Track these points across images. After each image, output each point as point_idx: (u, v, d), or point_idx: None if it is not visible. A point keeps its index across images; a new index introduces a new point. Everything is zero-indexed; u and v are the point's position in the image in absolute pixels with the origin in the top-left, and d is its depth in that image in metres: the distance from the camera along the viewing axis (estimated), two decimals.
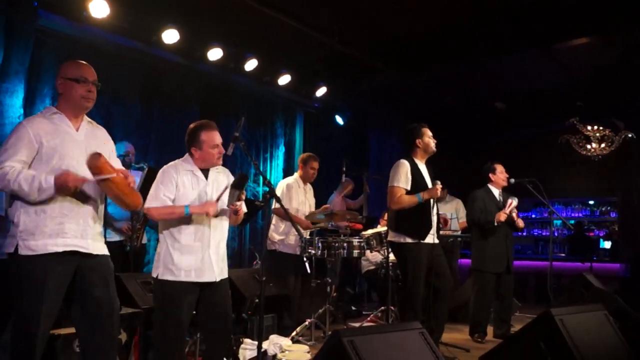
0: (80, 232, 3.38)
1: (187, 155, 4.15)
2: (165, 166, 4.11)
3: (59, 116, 3.44)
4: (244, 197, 4.07)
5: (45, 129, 3.34)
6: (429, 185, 5.63)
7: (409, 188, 5.54)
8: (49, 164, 3.28)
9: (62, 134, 3.39)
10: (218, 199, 4.02)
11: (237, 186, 3.95)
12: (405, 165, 5.60)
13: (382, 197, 8.57)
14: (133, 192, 3.47)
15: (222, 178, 4.19)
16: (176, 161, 4.14)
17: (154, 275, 4.00)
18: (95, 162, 3.22)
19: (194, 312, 4.09)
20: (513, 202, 6.59)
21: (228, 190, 3.98)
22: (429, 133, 5.75)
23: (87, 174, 3.28)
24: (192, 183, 4.05)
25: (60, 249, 3.28)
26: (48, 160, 3.29)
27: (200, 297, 4.03)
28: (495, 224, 6.48)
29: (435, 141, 5.77)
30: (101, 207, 3.59)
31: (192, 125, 4.15)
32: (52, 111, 3.45)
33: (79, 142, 3.43)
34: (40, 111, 3.54)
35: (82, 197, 3.40)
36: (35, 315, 3.20)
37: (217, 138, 4.09)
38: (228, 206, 4.01)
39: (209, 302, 4.05)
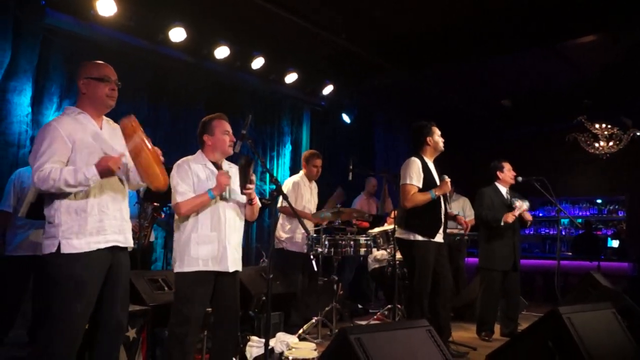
0: (119, 227, 3.52)
1: (198, 151, 4.24)
2: (178, 161, 4.18)
3: (84, 116, 3.51)
4: (254, 181, 4.13)
5: (75, 129, 3.40)
6: (436, 178, 5.63)
7: (421, 186, 5.53)
8: (84, 162, 3.34)
9: (91, 133, 3.47)
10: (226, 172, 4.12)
11: (244, 166, 4.00)
12: (416, 163, 5.59)
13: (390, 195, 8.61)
14: (163, 167, 3.52)
15: (234, 172, 4.24)
16: (188, 157, 4.22)
17: (174, 270, 4.09)
18: (130, 122, 3.34)
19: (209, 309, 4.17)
20: (524, 205, 6.56)
21: (237, 175, 4.06)
22: (438, 132, 5.76)
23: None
24: (207, 175, 4.12)
25: (102, 246, 3.40)
26: (83, 159, 3.35)
27: (214, 286, 4.09)
28: (502, 224, 6.44)
29: (443, 140, 5.78)
30: (127, 201, 3.70)
31: (204, 118, 4.29)
32: (77, 111, 3.51)
33: (105, 140, 3.52)
34: (63, 112, 3.58)
35: (116, 191, 3.53)
36: (78, 313, 3.28)
37: (228, 126, 4.23)
38: (242, 192, 4.06)
39: (219, 293, 4.10)
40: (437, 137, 5.73)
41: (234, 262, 4.13)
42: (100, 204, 3.42)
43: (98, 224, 3.39)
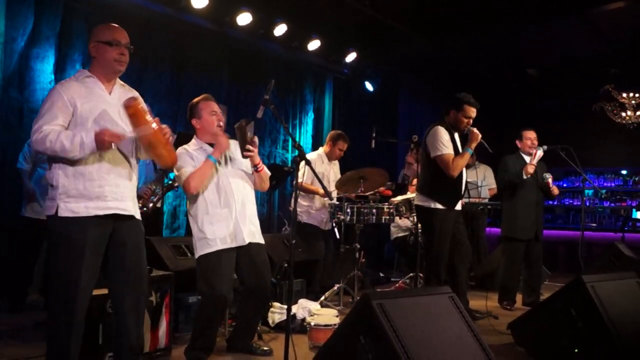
0: (120, 195, 3.42)
1: (193, 137, 4.30)
2: (177, 150, 4.13)
3: (92, 79, 3.44)
4: (256, 143, 4.16)
5: (79, 93, 3.34)
6: (460, 149, 5.59)
7: (452, 151, 5.50)
8: (85, 127, 3.28)
9: (96, 98, 3.40)
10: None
11: (242, 128, 4.03)
12: (444, 131, 5.54)
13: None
14: (169, 144, 3.47)
15: (232, 147, 4.27)
16: (184, 146, 4.25)
17: (197, 256, 4.13)
18: (131, 102, 3.24)
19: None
20: (538, 151, 6.47)
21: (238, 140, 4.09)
22: (471, 113, 5.65)
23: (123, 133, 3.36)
24: (205, 155, 4.15)
25: (101, 212, 3.33)
26: (83, 124, 3.30)
27: (237, 262, 4.16)
28: (525, 176, 6.37)
29: (469, 123, 5.66)
30: (136, 169, 3.61)
31: (191, 102, 4.33)
32: (85, 74, 3.45)
33: (112, 105, 3.44)
34: (73, 75, 3.54)
35: (118, 158, 3.44)
36: (75, 277, 3.24)
37: (215, 107, 4.27)
38: (242, 156, 4.09)
39: (244, 264, 4.18)
40: (462, 118, 5.62)
41: (249, 234, 4.18)
42: (101, 169, 3.34)
43: (98, 190, 3.32)
